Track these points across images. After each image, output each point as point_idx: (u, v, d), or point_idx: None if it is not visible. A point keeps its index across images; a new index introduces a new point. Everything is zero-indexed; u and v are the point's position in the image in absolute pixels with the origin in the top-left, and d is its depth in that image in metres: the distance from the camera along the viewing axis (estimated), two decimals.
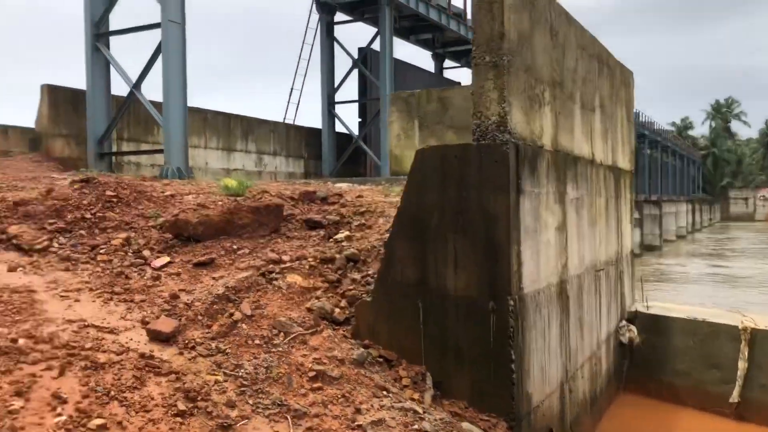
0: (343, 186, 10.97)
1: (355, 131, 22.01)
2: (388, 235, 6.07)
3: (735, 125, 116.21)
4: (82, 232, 7.16)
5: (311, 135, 22.51)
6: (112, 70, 14.72)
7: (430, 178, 5.43)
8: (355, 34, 28.04)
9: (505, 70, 5.18)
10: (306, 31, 21.97)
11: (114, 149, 15.16)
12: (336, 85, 21.71)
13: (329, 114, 21.56)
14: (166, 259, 6.40)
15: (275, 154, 20.76)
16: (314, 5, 21.61)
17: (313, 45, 22.10)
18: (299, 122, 22.83)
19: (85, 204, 7.61)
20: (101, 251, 6.66)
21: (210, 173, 18.34)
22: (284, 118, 22.17)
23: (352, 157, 21.80)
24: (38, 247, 6.60)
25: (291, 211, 7.89)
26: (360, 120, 22.75)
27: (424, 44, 26.49)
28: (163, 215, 7.66)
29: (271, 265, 6.18)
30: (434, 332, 5.36)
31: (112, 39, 14.72)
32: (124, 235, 7.04)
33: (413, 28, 24.33)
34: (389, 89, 20.51)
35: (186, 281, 6.00)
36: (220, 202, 7.35)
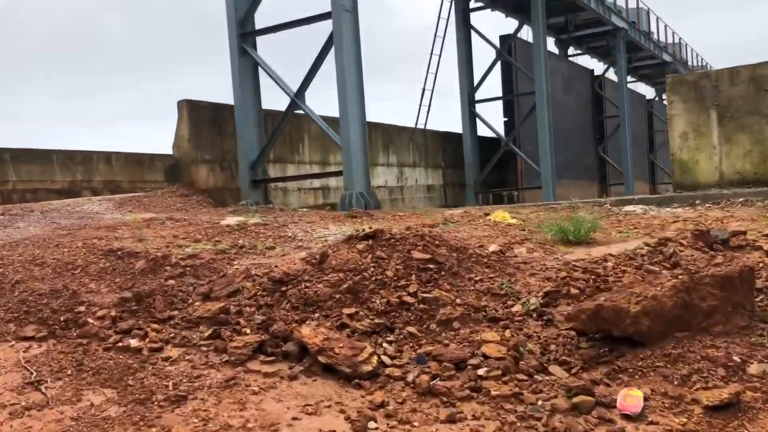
0: (636, 209, 7.98)
1: (501, 133, 19.06)
2: None
3: None
4: (412, 329, 4.33)
5: (447, 140, 19.60)
6: (262, 78, 12.07)
7: None
8: (487, 23, 24.54)
9: None
10: (438, 22, 19.12)
11: (269, 174, 12.49)
12: (477, 81, 18.77)
13: (470, 115, 18.62)
14: (636, 397, 3.48)
15: (414, 165, 17.93)
16: None
17: (444, 36, 19.24)
18: (429, 126, 20.01)
19: (390, 277, 4.79)
20: (473, 371, 3.77)
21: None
22: (416, 123, 19.36)
23: (499, 163, 18.82)
24: (365, 369, 3.75)
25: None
26: (506, 119, 19.75)
27: (550, 29, 23.35)
28: (516, 286, 4.81)
29: None
30: None
31: (260, 41, 12.07)
32: (494, 335, 4.18)
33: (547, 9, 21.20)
34: (546, 82, 17.48)
35: None
36: (657, 276, 4.43)
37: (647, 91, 34.70)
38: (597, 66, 28.62)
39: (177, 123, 11.91)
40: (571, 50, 26.13)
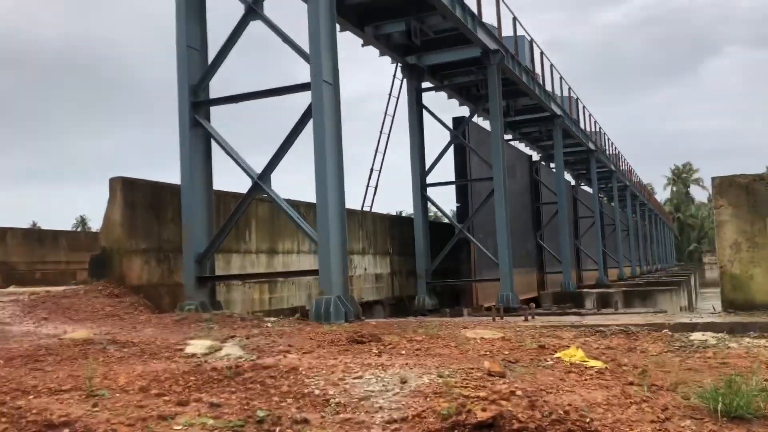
0: (708, 339, 6.58)
1: (454, 219, 17.74)
2: None
3: (693, 189, 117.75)
4: None
5: (396, 225, 18.10)
6: (216, 154, 10.15)
7: None
8: (438, 104, 23.36)
9: None
10: (389, 101, 17.90)
11: (218, 270, 10.38)
12: (429, 164, 17.51)
13: (422, 199, 17.25)
14: None
15: (364, 252, 16.21)
16: (398, 69, 17.62)
17: (394, 116, 18.01)
18: (375, 209, 18.45)
19: None
20: None
21: (303, 285, 13.62)
22: (362, 206, 17.79)
23: (452, 251, 17.43)
24: None
25: None
26: (458, 205, 18.52)
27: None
28: None
29: None
30: None
31: (215, 113, 10.20)
32: None
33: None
34: (503, 170, 16.49)
35: None
36: None
37: (569, 178, 35.09)
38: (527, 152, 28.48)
39: (108, 206, 9.68)
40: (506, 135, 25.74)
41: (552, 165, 27.57)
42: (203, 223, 9.85)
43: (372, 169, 17.89)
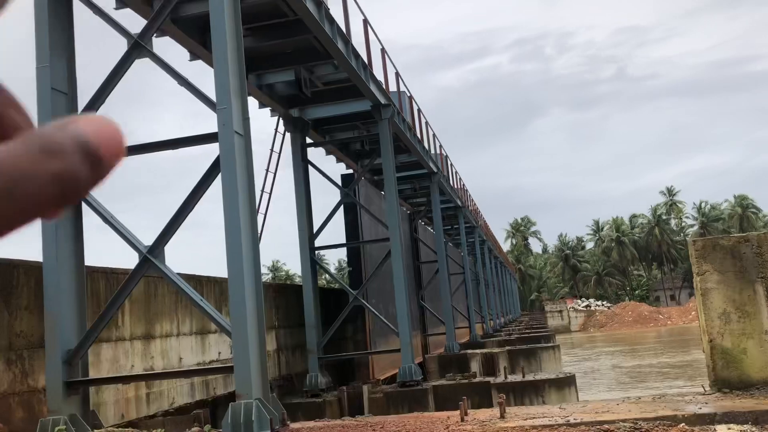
0: None
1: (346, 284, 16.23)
2: None
3: (531, 241, 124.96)
4: None
5: (280, 294, 16.28)
6: (90, 222, 8.04)
7: None
8: (323, 159, 21.24)
9: None
10: (270, 156, 16.29)
11: (103, 374, 8.11)
12: (318, 225, 15.98)
13: (311, 263, 15.63)
14: None
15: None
16: (280, 122, 16.12)
17: (276, 172, 16.41)
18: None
19: None
20: None
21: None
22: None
23: (345, 321, 15.88)
24: None
25: None
26: (351, 269, 17.03)
27: (372, 170, 21.90)
28: None
29: None
30: None
31: None
32: None
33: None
34: (400, 232, 15.41)
35: None
36: None
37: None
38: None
39: None
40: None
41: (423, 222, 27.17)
42: (73, 311, 7.65)
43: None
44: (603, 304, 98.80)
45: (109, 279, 9.61)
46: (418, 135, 21.18)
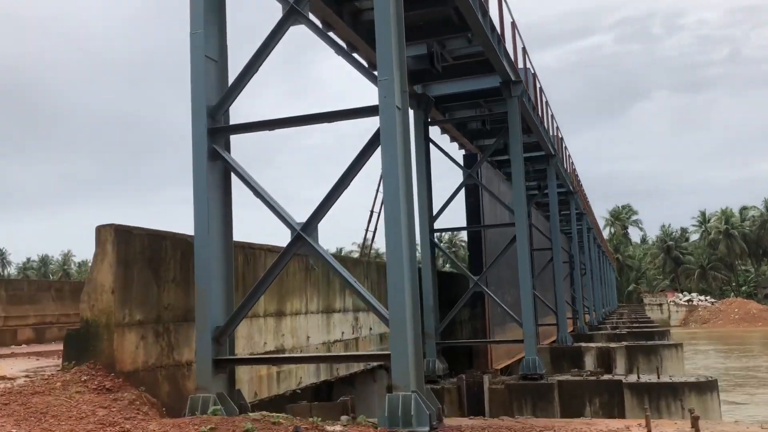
0: None
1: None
2: None
3: (631, 231, 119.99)
4: None
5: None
6: (237, 197, 7.78)
7: None
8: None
9: None
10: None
11: (237, 351, 7.93)
12: (439, 206, 15.45)
13: (431, 246, 15.13)
14: None
15: (369, 309, 13.90)
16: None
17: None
18: (374, 253, 16.22)
19: None
20: None
21: (312, 350, 11.19)
22: (361, 250, 15.54)
23: (463, 307, 15.32)
24: None
25: None
26: (470, 254, 16.45)
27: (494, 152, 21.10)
28: None
29: None
30: None
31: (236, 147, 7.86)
32: None
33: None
34: (526, 217, 14.65)
35: None
36: None
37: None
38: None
39: (93, 263, 7.13)
40: None
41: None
42: (222, 288, 7.43)
43: (372, 212, 15.69)
44: (706, 299, 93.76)
45: (247, 254, 9.40)
46: (540, 115, 20.21)
